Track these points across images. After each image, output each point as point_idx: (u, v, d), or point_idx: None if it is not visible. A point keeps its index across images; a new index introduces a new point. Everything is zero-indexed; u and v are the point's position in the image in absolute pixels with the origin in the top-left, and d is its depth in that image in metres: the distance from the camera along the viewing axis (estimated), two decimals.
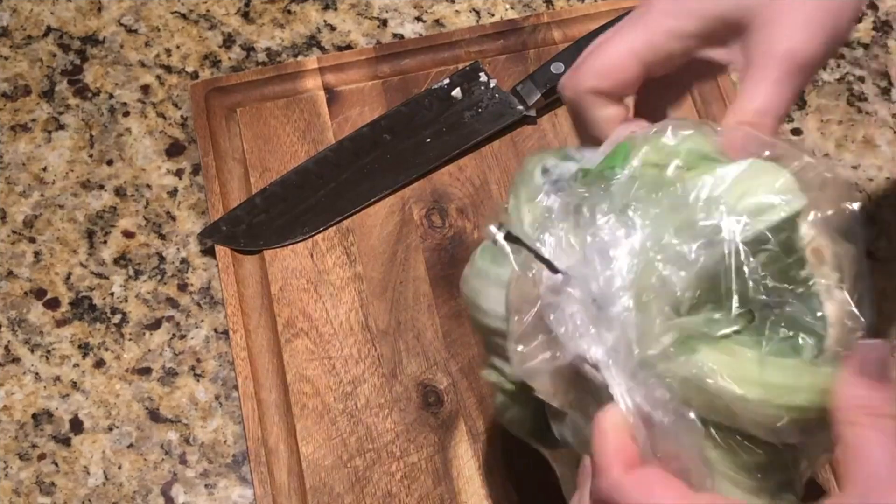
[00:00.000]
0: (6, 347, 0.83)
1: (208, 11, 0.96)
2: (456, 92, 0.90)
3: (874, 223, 0.86)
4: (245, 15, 0.96)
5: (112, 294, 0.85)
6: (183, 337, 0.83)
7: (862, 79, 0.92)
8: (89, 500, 0.78)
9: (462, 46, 0.93)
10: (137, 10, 0.96)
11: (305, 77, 0.91)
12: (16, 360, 0.83)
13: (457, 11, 0.96)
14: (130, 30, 0.95)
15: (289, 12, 0.96)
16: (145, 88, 0.93)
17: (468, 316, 0.65)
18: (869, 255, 0.85)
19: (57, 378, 0.82)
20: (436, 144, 0.89)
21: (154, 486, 0.78)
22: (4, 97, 0.93)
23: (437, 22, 0.95)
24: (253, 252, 0.85)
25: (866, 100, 0.91)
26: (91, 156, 0.90)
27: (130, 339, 0.83)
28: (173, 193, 0.89)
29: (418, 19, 0.95)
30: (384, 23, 0.95)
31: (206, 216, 0.87)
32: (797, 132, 0.90)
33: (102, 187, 0.89)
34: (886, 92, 0.92)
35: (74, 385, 0.82)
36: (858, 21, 0.94)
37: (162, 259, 0.86)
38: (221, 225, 0.86)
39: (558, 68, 0.89)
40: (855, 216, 0.56)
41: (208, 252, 0.86)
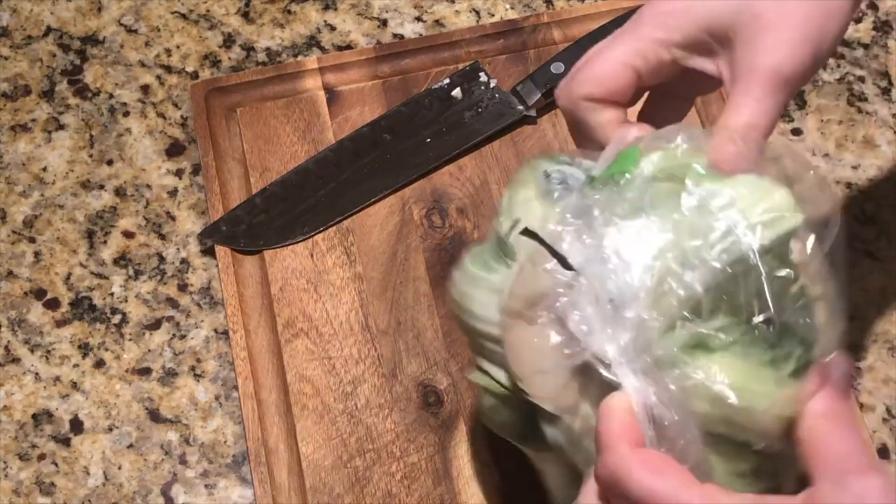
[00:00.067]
0: (6, 347, 0.83)
1: (208, 11, 0.96)
2: (456, 92, 0.90)
3: (874, 223, 0.86)
4: (245, 15, 0.96)
5: (112, 294, 0.85)
6: (183, 337, 0.83)
7: (862, 79, 0.92)
8: (89, 501, 0.78)
9: (462, 46, 0.93)
10: (137, 10, 0.96)
11: (305, 77, 0.91)
12: (16, 360, 0.83)
13: (457, 11, 0.96)
14: (130, 30, 0.95)
15: (289, 12, 0.96)
16: (145, 88, 0.93)
17: (456, 318, 0.66)
18: (869, 255, 0.85)
19: (57, 378, 0.82)
20: (436, 144, 0.89)
21: (154, 487, 0.78)
22: (4, 97, 0.93)
23: (437, 22, 0.95)
24: (253, 252, 0.85)
25: (866, 100, 0.91)
26: (91, 156, 0.90)
27: (130, 340, 0.83)
28: (173, 193, 0.89)
29: (418, 19, 0.95)
30: (384, 23, 0.95)
31: (206, 216, 0.87)
32: (797, 132, 0.90)
33: (102, 187, 0.89)
34: (886, 92, 0.92)
35: (74, 385, 0.82)
36: (858, 21, 0.94)
37: (162, 259, 0.86)
38: (221, 225, 0.86)
39: (558, 68, 0.89)
40: (837, 224, 0.58)
41: (208, 252, 0.86)
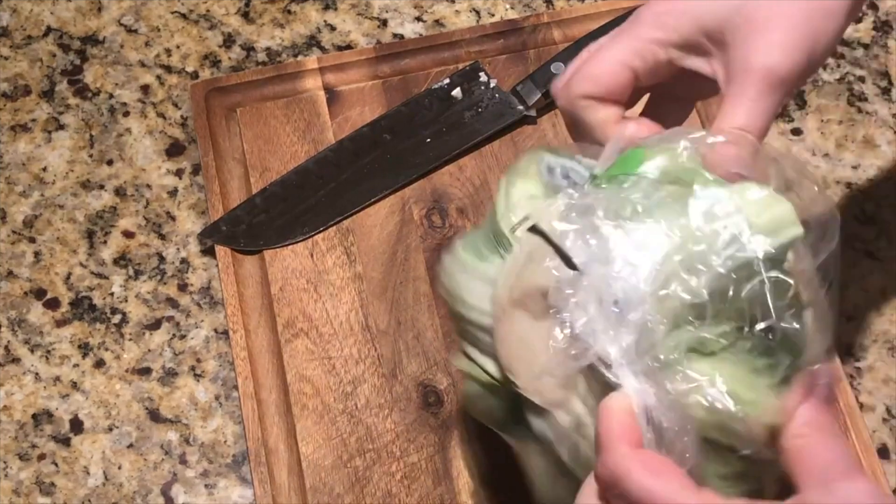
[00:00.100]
0: (6, 347, 0.83)
1: (208, 11, 0.96)
2: (456, 92, 0.90)
3: (874, 223, 0.86)
4: (245, 15, 0.96)
5: (112, 294, 0.85)
6: (183, 337, 0.83)
7: (862, 79, 0.92)
8: (89, 501, 0.78)
9: (462, 46, 0.93)
10: (137, 10, 0.96)
11: (305, 77, 0.91)
12: (16, 360, 0.83)
13: (457, 11, 0.96)
14: (130, 30, 0.95)
15: (289, 12, 0.96)
16: (145, 88, 0.93)
17: (445, 302, 0.66)
18: (869, 255, 0.85)
19: (57, 378, 0.82)
20: (436, 144, 0.89)
21: (154, 487, 0.78)
22: (4, 97, 0.93)
23: (437, 22, 0.95)
24: (253, 252, 0.85)
25: (866, 100, 0.91)
26: (91, 156, 0.90)
27: (130, 339, 0.83)
28: (173, 193, 0.89)
29: (418, 19, 0.95)
30: (384, 23, 0.95)
31: (206, 216, 0.87)
32: (797, 132, 0.90)
33: (102, 187, 0.89)
34: (886, 92, 0.92)
35: (74, 385, 0.82)
36: (858, 21, 0.94)
37: (162, 259, 0.86)
38: (221, 225, 0.86)
39: (558, 68, 0.89)
40: (835, 238, 0.58)
41: (208, 252, 0.86)
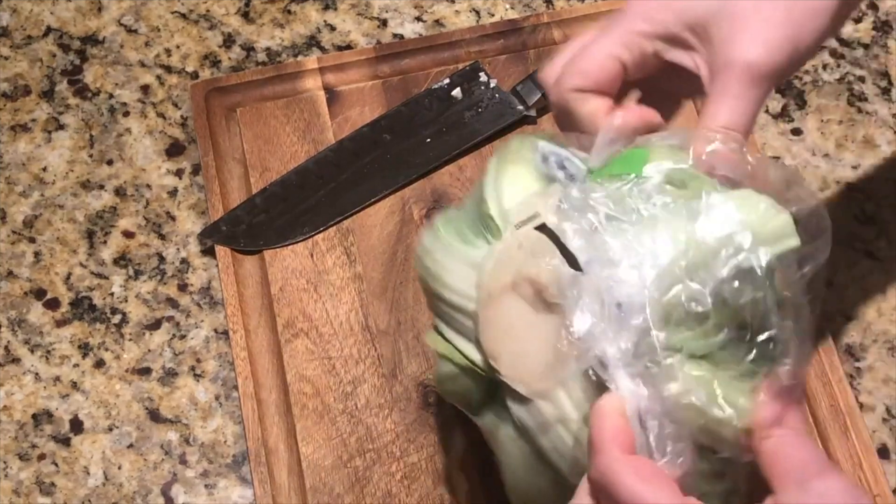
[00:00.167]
0: (6, 347, 0.83)
1: (208, 11, 0.96)
2: (456, 92, 0.90)
3: (874, 223, 0.86)
4: (245, 15, 0.96)
5: (112, 294, 0.85)
6: (183, 337, 0.83)
7: (862, 79, 0.92)
8: (89, 501, 0.78)
9: (462, 46, 0.92)
10: (137, 10, 0.96)
11: (305, 77, 0.91)
12: (16, 360, 0.83)
13: (457, 11, 0.96)
14: (130, 30, 0.95)
15: (289, 12, 0.96)
16: (145, 88, 0.93)
17: (421, 278, 0.67)
18: (869, 255, 0.85)
19: (57, 378, 0.82)
20: (436, 144, 0.89)
21: (154, 487, 0.78)
22: (4, 97, 0.93)
23: (437, 22, 0.95)
24: (253, 252, 0.85)
25: (866, 100, 0.91)
26: (91, 156, 0.90)
27: (130, 340, 0.83)
28: (173, 193, 0.89)
29: (418, 19, 0.95)
30: (384, 23, 0.95)
31: (206, 216, 0.87)
32: (797, 132, 0.90)
33: (102, 187, 0.89)
34: (886, 92, 0.92)
35: (74, 385, 0.82)
36: (858, 21, 0.94)
37: (162, 259, 0.86)
38: (221, 225, 0.86)
39: None
40: (825, 253, 0.59)
41: (208, 252, 0.86)
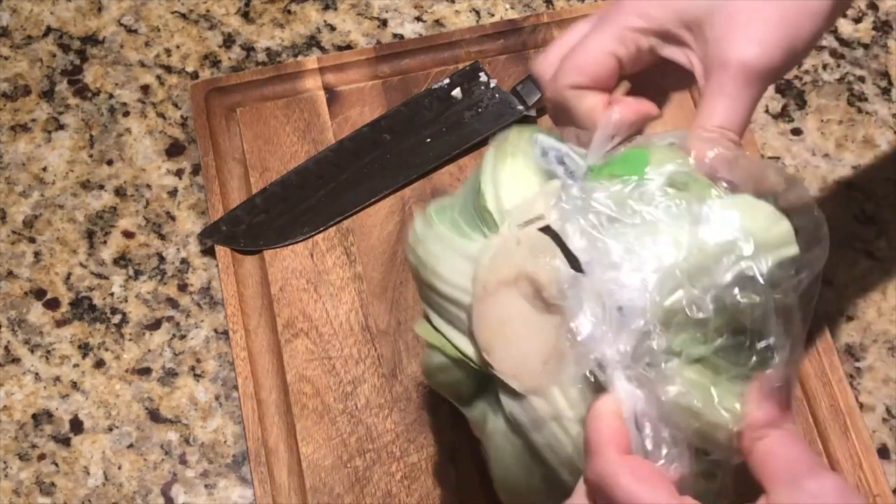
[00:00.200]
0: (6, 347, 0.83)
1: (208, 11, 0.96)
2: (456, 92, 0.90)
3: (874, 223, 0.86)
4: (245, 15, 0.96)
5: (112, 294, 0.85)
6: (183, 337, 0.83)
7: (862, 79, 0.92)
8: (89, 501, 0.78)
9: (462, 46, 0.92)
10: (137, 10, 0.96)
11: (305, 77, 0.91)
12: (16, 360, 0.83)
13: (457, 11, 0.96)
14: (130, 30, 0.95)
15: (289, 12, 0.96)
16: (145, 88, 0.93)
17: (412, 266, 0.66)
18: (869, 255, 0.85)
19: (57, 378, 0.82)
20: (436, 144, 0.89)
21: (154, 487, 0.78)
22: (4, 97, 0.93)
23: (437, 22, 0.95)
24: (253, 252, 0.85)
25: (866, 100, 0.91)
26: (91, 156, 0.90)
27: (130, 340, 0.83)
28: (173, 193, 0.89)
29: (418, 19, 0.95)
30: (384, 23, 0.95)
31: (206, 216, 0.87)
32: (797, 132, 0.90)
33: (102, 187, 0.89)
34: (886, 92, 0.92)
35: (74, 385, 0.82)
36: (858, 21, 0.94)
37: (162, 259, 0.86)
38: (221, 225, 0.86)
39: None
40: (822, 263, 0.60)
41: (208, 252, 0.86)
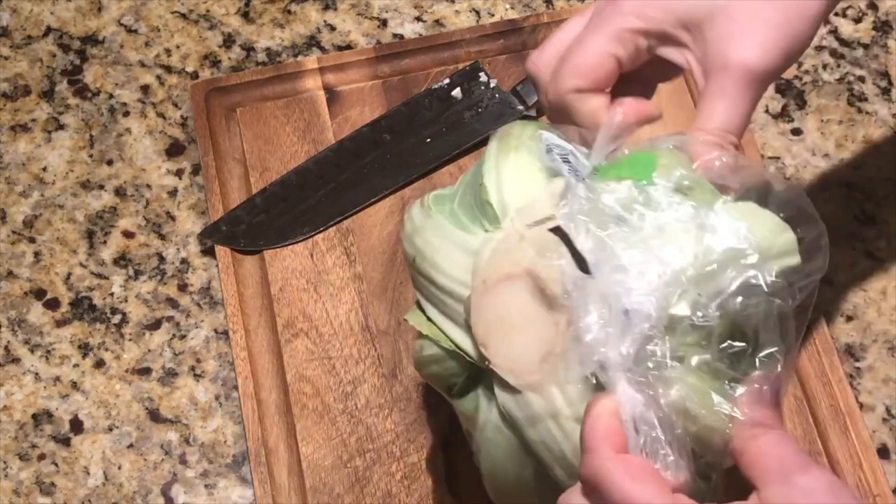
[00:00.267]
0: (6, 347, 0.83)
1: (208, 11, 0.96)
2: (456, 92, 0.90)
3: (874, 223, 0.86)
4: (245, 15, 0.96)
5: (112, 294, 0.85)
6: (183, 337, 0.83)
7: (862, 79, 0.92)
8: (89, 501, 0.78)
9: (462, 46, 0.93)
10: (137, 10, 0.96)
11: (305, 77, 0.91)
12: (16, 360, 0.83)
13: (457, 11, 0.96)
14: (130, 30, 0.95)
15: (289, 12, 0.96)
16: (145, 88, 0.93)
17: (407, 255, 0.66)
18: (869, 255, 0.85)
19: (57, 378, 0.82)
20: (436, 144, 0.89)
21: (154, 487, 0.78)
22: (4, 97, 0.93)
23: (437, 22, 0.95)
24: (253, 252, 0.85)
25: (866, 100, 0.91)
26: (91, 156, 0.90)
27: (130, 340, 0.83)
28: (173, 193, 0.89)
29: (418, 19, 0.95)
30: (384, 23, 0.95)
31: (206, 216, 0.87)
32: (797, 132, 0.90)
33: (102, 187, 0.89)
34: (886, 92, 0.92)
35: (74, 385, 0.82)
36: (858, 21, 0.94)
37: (162, 259, 0.86)
38: (221, 225, 0.86)
39: None
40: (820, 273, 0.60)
41: (208, 252, 0.86)
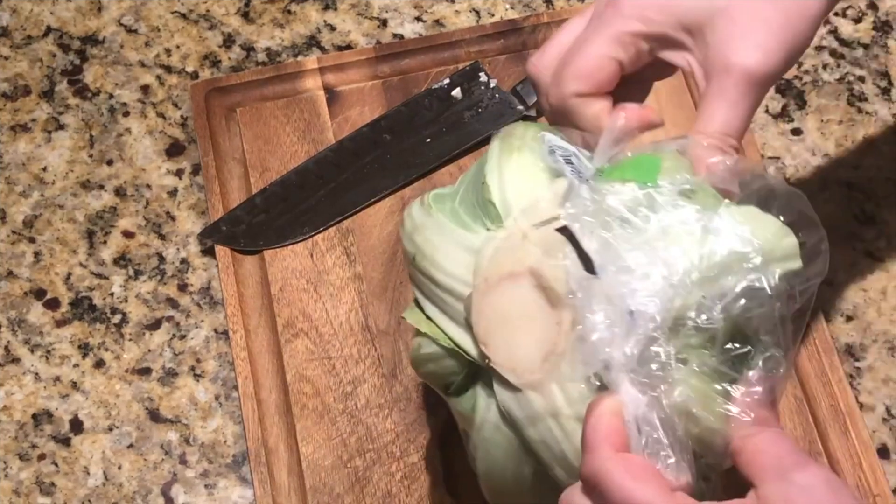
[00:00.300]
0: (6, 347, 0.83)
1: (208, 11, 0.96)
2: (456, 92, 0.90)
3: (874, 223, 0.86)
4: (245, 15, 0.96)
5: (112, 294, 0.85)
6: (183, 337, 0.83)
7: (862, 79, 0.92)
8: (89, 501, 0.78)
9: (462, 46, 0.93)
10: (137, 10, 0.96)
11: (305, 77, 0.91)
12: (16, 360, 0.83)
13: (457, 11, 0.96)
14: (130, 30, 0.95)
15: (289, 12, 0.96)
16: (145, 88, 0.93)
17: (406, 252, 0.66)
18: (869, 255, 0.85)
19: (57, 378, 0.82)
20: (436, 144, 0.89)
21: (154, 487, 0.78)
22: (4, 97, 0.93)
23: (437, 22, 0.95)
24: (253, 252, 0.85)
25: (866, 100, 0.91)
26: (91, 156, 0.90)
27: (130, 340, 0.83)
28: (173, 193, 0.89)
29: (418, 19, 0.95)
30: (384, 23, 0.95)
31: (206, 216, 0.87)
32: (797, 132, 0.90)
33: (102, 187, 0.89)
34: (886, 92, 0.92)
35: (74, 385, 0.82)
36: (858, 21, 0.94)
37: (162, 259, 0.86)
38: (221, 225, 0.86)
39: None
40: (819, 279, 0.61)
41: (208, 252, 0.86)
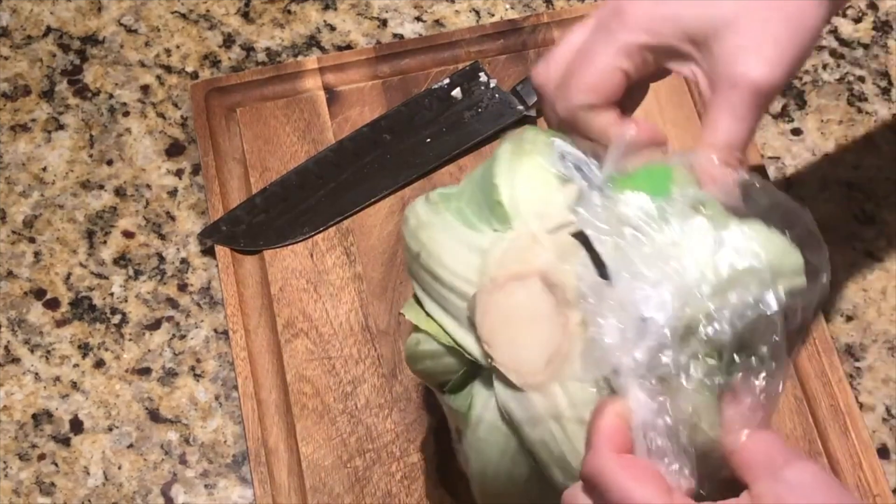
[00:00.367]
0: (6, 347, 0.83)
1: (208, 11, 0.96)
2: (456, 92, 0.90)
3: (874, 223, 0.86)
4: (245, 15, 0.96)
5: (112, 294, 0.85)
6: (183, 337, 0.83)
7: (862, 79, 0.92)
8: (89, 501, 0.78)
9: (462, 46, 0.93)
10: (137, 10, 0.96)
11: (305, 77, 0.91)
12: (16, 360, 0.83)
13: (457, 11, 0.96)
14: (130, 30, 0.95)
15: (289, 12, 0.96)
16: (145, 88, 0.93)
17: (407, 248, 0.66)
18: (869, 255, 0.85)
19: (57, 378, 0.82)
20: (436, 144, 0.89)
21: (154, 487, 0.78)
22: (4, 97, 0.93)
23: (437, 22, 0.95)
24: (253, 252, 0.85)
25: (866, 100, 0.91)
26: (91, 156, 0.90)
27: (130, 340, 0.83)
28: (173, 193, 0.89)
29: (418, 19, 0.95)
30: (384, 23, 0.95)
31: (206, 216, 0.87)
32: (797, 132, 0.90)
33: (102, 187, 0.89)
34: (886, 92, 0.92)
35: (74, 385, 0.82)
36: (858, 21, 0.94)
37: (162, 259, 0.86)
38: (221, 225, 0.86)
39: None
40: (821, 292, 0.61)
41: (208, 252, 0.86)
